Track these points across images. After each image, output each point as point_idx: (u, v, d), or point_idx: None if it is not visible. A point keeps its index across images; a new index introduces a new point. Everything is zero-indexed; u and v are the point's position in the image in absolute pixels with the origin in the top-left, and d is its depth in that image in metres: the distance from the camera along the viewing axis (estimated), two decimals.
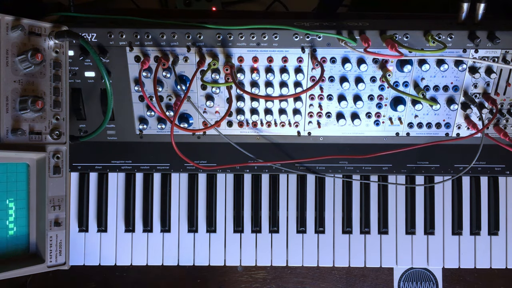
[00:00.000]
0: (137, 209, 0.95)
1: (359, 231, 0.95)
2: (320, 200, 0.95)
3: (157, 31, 0.82)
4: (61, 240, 0.81)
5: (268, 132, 0.92)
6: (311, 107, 0.89)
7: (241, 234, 0.95)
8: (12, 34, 0.72)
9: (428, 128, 0.90)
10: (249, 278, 0.96)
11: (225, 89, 0.87)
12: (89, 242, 0.95)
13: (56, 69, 0.78)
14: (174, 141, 0.81)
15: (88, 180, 0.95)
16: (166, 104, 0.88)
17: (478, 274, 0.97)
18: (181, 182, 0.95)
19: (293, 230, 0.95)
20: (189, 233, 0.95)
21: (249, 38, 0.83)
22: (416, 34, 0.82)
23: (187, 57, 0.84)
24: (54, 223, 0.80)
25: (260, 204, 0.95)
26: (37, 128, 0.77)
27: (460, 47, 0.83)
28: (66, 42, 0.79)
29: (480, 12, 0.83)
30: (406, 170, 0.94)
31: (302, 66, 0.85)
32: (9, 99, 0.73)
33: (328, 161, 0.93)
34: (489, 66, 0.85)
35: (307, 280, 0.96)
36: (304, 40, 0.83)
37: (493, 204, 0.95)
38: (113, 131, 0.91)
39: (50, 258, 0.79)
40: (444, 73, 0.85)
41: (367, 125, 0.90)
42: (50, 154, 0.79)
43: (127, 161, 0.93)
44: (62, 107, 0.80)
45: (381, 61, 0.85)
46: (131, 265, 0.95)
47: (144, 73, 0.84)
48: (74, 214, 0.95)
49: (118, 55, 0.84)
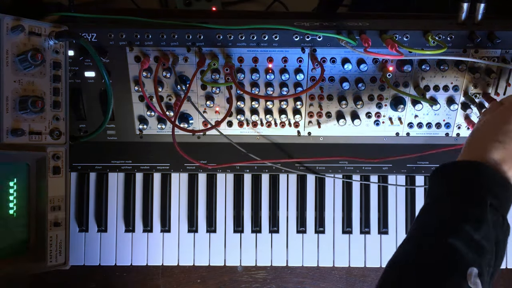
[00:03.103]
0: (137, 209, 0.95)
1: (359, 231, 0.95)
2: (320, 200, 0.95)
3: (157, 31, 0.82)
4: (61, 240, 0.81)
5: (268, 132, 0.92)
6: (311, 107, 0.89)
7: (241, 234, 0.95)
8: (12, 34, 0.72)
9: (428, 128, 0.90)
10: (249, 278, 0.96)
11: (225, 89, 0.87)
12: (89, 242, 0.95)
13: (56, 69, 0.78)
14: (175, 141, 0.81)
15: (88, 180, 0.95)
16: (166, 104, 0.88)
17: None
18: (181, 182, 0.95)
19: (293, 230, 0.95)
20: (189, 233, 0.95)
21: (249, 38, 0.83)
22: (416, 34, 0.82)
23: (187, 57, 0.84)
24: (54, 223, 0.80)
25: (260, 204, 0.95)
26: (37, 128, 0.77)
27: (460, 47, 0.83)
28: (66, 42, 0.79)
29: (480, 12, 0.83)
30: (406, 170, 0.94)
31: (302, 66, 0.85)
32: (9, 99, 0.73)
33: (328, 161, 0.93)
34: (489, 66, 0.85)
35: (307, 280, 0.96)
36: (304, 40, 0.83)
37: None
38: (113, 131, 0.91)
39: (50, 258, 0.79)
40: (444, 73, 0.85)
41: (367, 125, 0.90)
42: (50, 154, 0.79)
43: (127, 161, 0.93)
44: (62, 107, 0.80)
45: (381, 61, 0.85)
46: (131, 265, 0.95)
47: (144, 73, 0.84)
48: (74, 214, 0.95)
49: (118, 55, 0.84)
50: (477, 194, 0.58)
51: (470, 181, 0.60)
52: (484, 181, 0.59)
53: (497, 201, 0.58)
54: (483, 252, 0.54)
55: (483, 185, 0.59)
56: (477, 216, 0.56)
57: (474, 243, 0.54)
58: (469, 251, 0.53)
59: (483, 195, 0.58)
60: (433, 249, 0.54)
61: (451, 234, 0.54)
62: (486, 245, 0.54)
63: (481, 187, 0.59)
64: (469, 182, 0.60)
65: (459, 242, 0.53)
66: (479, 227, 0.55)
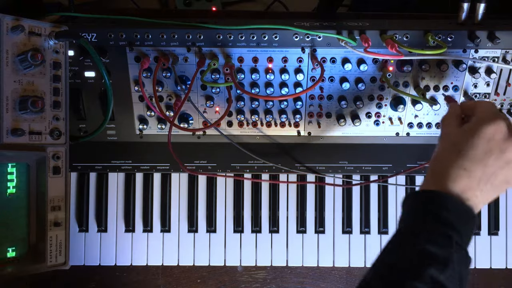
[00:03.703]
0: (137, 209, 0.95)
1: (359, 231, 0.95)
2: (320, 200, 0.95)
3: (157, 31, 0.82)
4: (61, 240, 0.81)
5: (268, 132, 0.92)
6: (311, 107, 0.89)
7: (241, 234, 0.95)
8: (12, 34, 0.72)
9: (428, 128, 0.90)
10: (249, 278, 0.96)
11: (225, 89, 0.87)
12: (89, 242, 0.95)
13: (56, 69, 0.78)
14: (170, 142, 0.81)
15: (88, 180, 0.95)
16: (166, 104, 0.88)
17: (478, 274, 0.96)
18: (181, 182, 0.95)
19: (293, 230, 0.95)
20: (189, 233, 0.95)
21: (249, 38, 0.83)
22: (416, 34, 0.82)
23: (187, 57, 0.84)
24: (54, 223, 0.79)
25: (260, 204, 0.95)
26: (37, 128, 0.77)
27: (460, 47, 0.83)
28: (66, 42, 0.79)
29: (480, 12, 0.83)
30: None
31: (302, 66, 0.85)
32: (9, 99, 0.73)
33: (328, 161, 0.93)
34: (489, 66, 0.85)
35: (307, 280, 0.96)
36: (304, 40, 0.83)
37: (493, 204, 0.95)
38: (113, 131, 0.91)
39: (50, 258, 0.79)
40: (444, 73, 0.85)
41: (367, 125, 0.90)
42: (50, 154, 0.79)
43: (127, 161, 0.93)
44: (62, 107, 0.80)
45: (381, 61, 0.85)
46: (131, 265, 0.95)
47: (144, 73, 0.84)
48: (74, 214, 0.95)
49: (118, 55, 0.84)
50: (443, 233, 0.57)
51: (436, 219, 0.58)
52: (450, 217, 0.58)
53: (461, 238, 0.58)
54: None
55: (448, 222, 0.58)
56: (443, 258, 0.55)
57: (438, 285, 0.53)
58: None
59: (450, 234, 0.57)
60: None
61: (416, 278, 0.53)
62: (450, 286, 0.54)
63: (446, 225, 0.58)
64: (435, 220, 0.58)
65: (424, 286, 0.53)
66: (444, 269, 0.54)
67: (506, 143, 0.62)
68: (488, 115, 0.64)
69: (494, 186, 0.63)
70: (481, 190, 0.61)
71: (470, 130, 0.63)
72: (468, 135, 0.63)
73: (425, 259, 0.55)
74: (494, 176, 0.62)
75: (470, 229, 0.60)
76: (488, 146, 0.61)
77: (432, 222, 0.58)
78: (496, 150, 0.61)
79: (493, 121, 0.62)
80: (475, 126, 0.63)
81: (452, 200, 0.59)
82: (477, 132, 0.62)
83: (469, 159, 0.61)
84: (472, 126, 0.63)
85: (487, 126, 0.62)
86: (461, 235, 0.58)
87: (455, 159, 0.62)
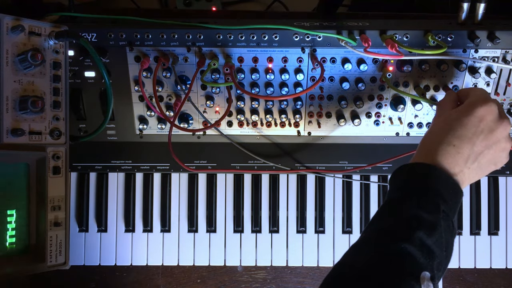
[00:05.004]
0: (137, 209, 0.95)
1: (359, 231, 0.95)
2: (320, 200, 0.95)
3: (157, 31, 0.82)
4: (61, 240, 0.81)
5: (268, 132, 0.92)
6: (311, 107, 0.89)
7: (241, 234, 0.95)
8: (12, 34, 0.72)
9: (428, 128, 0.90)
10: (249, 278, 0.96)
11: (225, 89, 0.87)
12: (89, 242, 0.95)
13: (56, 69, 0.78)
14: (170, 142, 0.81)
15: (88, 180, 0.95)
16: (166, 104, 0.88)
17: (478, 274, 0.97)
18: (181, 182, 0.95)
19: (293, 230, 0.95)
20: (189, 233, 0.95)
21: (249, 38, 0.83)
22: (416, 34, 0.82)
23: (187, 57, 0.84)
24: (54, 223, 0.80)
25: (260, 204, 0.95)
26: (37, 128, 0.77)
27: (460, 47, 0.83)
28: (66, 42, 0.79)
29: (480, 12, 0.83)
30: None
31: (302, 66, 0.85)
32: (9, 99, 0.73)
33: (328, 161, 0.93)
34: (489, 66, 0.85)
35: (307, 280, 0.96)
36: (304, 40, 0.83)
37: (493, 204, 0.95)
38: (113, 131, 0.91)
39: (50, 258, 0.79)
40: (443, 73, 0.85)
41: (367, 125, 0.91)
42: (50, 154, 0.79)
43: (127, 161, 0.93)
44: (62, 107, 0.80)
45: (381, 61, 0.85)
46: (131, 265, 0.95)
47: (144, 73, 0.84)
48: (74, 214, 0.95)
49: (118, 55, 0.84)
50: (431, 201, 0.60)
51: (425, 187, 0.61)
52: (438, 187, 0.61)
53: (448, 208, 0.60)
54: (434, 257, 0.56)
55: (437, 191, 0.60)
56: (431, 222, 0.58)
57: (426, 248, 0.56)
58: (422, 256, 0.55)
59: (438, 202, 0.59)
60: (389, 253, 0.56)
61: (406, 240, 0.56)
62: (436, 250, 0.57)
63: (435, 194, 0.60)
64: (424, 188, 0.61)
65: (412, 248, 0.55)
66: (431, 234, 0.57)
67: (496, 124, 0.65)
68: (481, 97, 0.67)
69: (481, 165, 0.66)
70: (468, 168, 0.64)
71: (463, 110, 0.66)
72: (460, 114, 0.66)
73: (414, 222, 0.57)
74: (481, 155, 0.65)
75: (456, 202, 0.62)
76: (479, 126, 0.64)
77: (421, 190, 0.61)
78: (485, 130, 0.64)
79: (486, 103, 0.65)
80: (468, 107, 0.66)
81: (440, 173, 0.62)
82: (470, 112, 0.65)
83: (459, 136, 0.64)
84: (465, 108, 0.67)
85: (479, 107, 0.65)
86: (448, 205, 0.60)
87: (446, 136, 0.64)
